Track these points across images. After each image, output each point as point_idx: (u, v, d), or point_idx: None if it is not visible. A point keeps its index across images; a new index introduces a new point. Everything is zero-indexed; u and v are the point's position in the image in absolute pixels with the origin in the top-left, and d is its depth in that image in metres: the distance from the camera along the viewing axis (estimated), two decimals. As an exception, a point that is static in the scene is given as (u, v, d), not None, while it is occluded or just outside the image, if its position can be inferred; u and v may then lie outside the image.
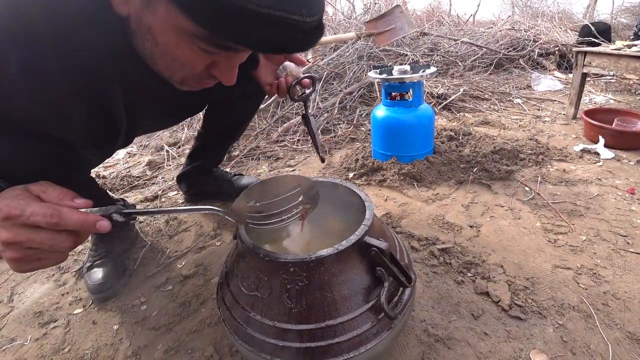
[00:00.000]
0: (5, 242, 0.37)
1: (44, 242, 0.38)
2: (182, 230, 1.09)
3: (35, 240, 0.38)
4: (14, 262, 0.39)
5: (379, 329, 0.49)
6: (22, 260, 0.39)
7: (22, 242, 0.38)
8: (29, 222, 0.37)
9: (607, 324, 0.68)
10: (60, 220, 0.39)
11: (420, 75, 1.16)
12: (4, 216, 0.37)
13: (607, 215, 0.99)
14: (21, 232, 0.37)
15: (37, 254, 0.39)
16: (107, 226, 0.42)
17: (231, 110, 1.02)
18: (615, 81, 2.31)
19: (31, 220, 0.38)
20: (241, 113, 1.07)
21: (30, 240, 0.38)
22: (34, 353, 0.72)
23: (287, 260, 0.45)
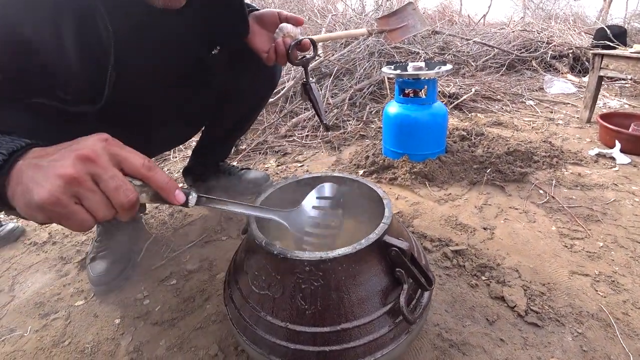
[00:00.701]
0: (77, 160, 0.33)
1: (113, 178, 0.35)
2: (187, 224, 1.06)
3: (104, 172, 0.34)
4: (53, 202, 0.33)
5: (397, 333, 0.46)
6: (64, 204, 0.33)
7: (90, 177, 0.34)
8: (121, 154, 0.36)
9: (628, 334, 0.65)
10: (154, 170, 0.38)
11: (436, 72, 1.13)
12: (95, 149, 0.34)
13: (625, 222, 0.96)
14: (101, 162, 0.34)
15: (87, 194, 0.34)
16: (183, 198, 0.40)
17: (239, 102, 1.00)
18: (630, 86, 2.27)
19: (124, 156, 0.36)
20: (249, 105, 1.04)
21: (100, 168, 0.34)
22: (33, 345, 0.70)
23: (303, 258, 0.42)
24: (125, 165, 0.37)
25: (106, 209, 0.35)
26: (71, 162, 0.33)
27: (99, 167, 0.34)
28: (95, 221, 0.36)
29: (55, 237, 1.07)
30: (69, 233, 1.09)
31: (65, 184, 0.33)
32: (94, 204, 0.34)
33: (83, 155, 0.34)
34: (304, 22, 0.76)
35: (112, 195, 0.35)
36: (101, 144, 0.36)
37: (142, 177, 0.38)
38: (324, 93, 1.87)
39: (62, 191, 0.32)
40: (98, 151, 0.35)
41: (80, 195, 0.34)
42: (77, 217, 0.34)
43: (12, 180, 0.34)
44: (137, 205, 0.37)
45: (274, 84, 1.05)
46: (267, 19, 0.77)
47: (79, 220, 0.34)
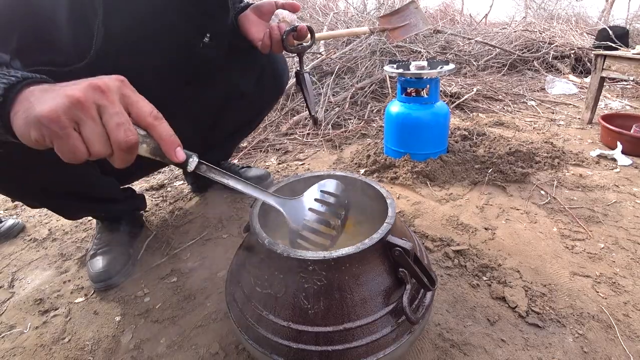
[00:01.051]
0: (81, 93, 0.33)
1: (118, 114, 0.34)
2: (187, 222, 1.06)
3: (110, 106, 0.34)
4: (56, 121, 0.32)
5: (399, 333, 0.46)
6: (66, 127, 0.33)
7: (95, 101, 0.34)
8: (132, 98, 0.36)
9: (629, 336, 0.65)
10: (160, 120, 0.37)
11: (438, 72, 1.13)
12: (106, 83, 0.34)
13: (626, 224, 0.96)
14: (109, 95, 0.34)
15: (88, 122, 0.34)
16: (182, 157, 0.39)
17: (243, 105, 0.98)
18: (631, 87, 2.26)
19: (134, 99, 0.36)
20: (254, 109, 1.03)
21: (108, 101, 0.34)
22: (33, 342, 0.70)
23: (307, 258, 0.42)
24: (133, 110, 0.36)
25: (102, 144, 0.34)
26: (82, 87, 0.33)
27: (107, 100, 0.34)
28: (87, 154, 0.34)
29: (55, 233, 1.07)
30: (69, 230, 1.08)
31: (69, 104, 0.32)
32: (92, 134, 0.34)
33: (95, 85, 0.34)
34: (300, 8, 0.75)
35: (112, 130, 0.34)
36: (116, 82, 0.36)
37: (147, 125, 0.37)
38: (326, 91, 1.86)
39: (64, 110, 0.32)
40: (111, 86, 0.35)
41: (81, 121, 0.33)
42: (70, 142, 0.33)
43: (19, 101, 0.34)
44: (134, 150, 0.36)
45: (281, 90, 1.04)
46: (264, 8, 0.76)
47: (71, 145, 0.33)
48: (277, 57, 0.97)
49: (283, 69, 0.99)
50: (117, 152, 0.35)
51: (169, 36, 0.68)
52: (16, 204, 1.28)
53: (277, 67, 0.97)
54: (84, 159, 0.35)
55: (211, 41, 0.75)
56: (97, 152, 0.34)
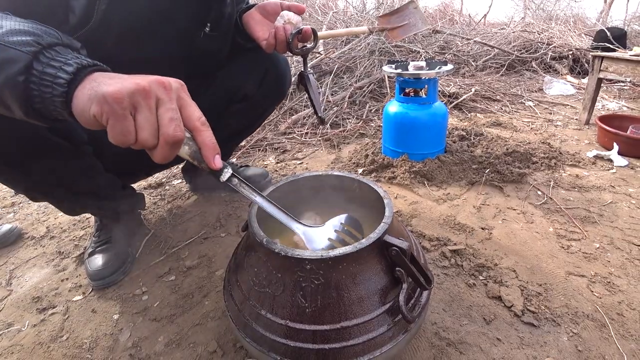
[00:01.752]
0: (141, 86, 0.36)
1: (173, 110, 0.37)
2: (186, 220, 1.06)
3: (169, 101, 0.37)
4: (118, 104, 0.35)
5: (395, 332, 0.46)
6: (122, 113, 0.35)
7: (156, 95, 0.36)
8: (187, 101, 0.39)
9: (622, 335, 0.66)
10: (206, 127, 0.39)
11: (437, 72, 1.13)
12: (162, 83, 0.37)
13: (621, 224, 0.97)
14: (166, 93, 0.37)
15: (144, 110, 0.36)
16: (220, 165, 0.41)
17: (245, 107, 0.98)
18: (628, 88, 2.28)
19: (188, 102, 0.39)
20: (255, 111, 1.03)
21: (167, 97, 0.37)
22: (31, 339, 0.70)
23: (304, 257, 0.42)
24: (184, 112, 0.39)
25: (151, 132, 0.36)
26: (149, 79, 0.37)
27: (167, 96, 0.37)
28: (135, 140, 0.37)
29: (53, 231, 1.07)
30: (67, 228, 1.08)
31: (135, 89, 0.35)
32: (145, 121, 0.36)
33: (160, 80, 0.37)
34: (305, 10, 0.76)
35: (164, 124, 0.36)
36: (177, 84, 0.39)
37: (194, 128, 0.39)
38: (324, 90, 1.86)
39: (129, 94, 0.35)
40: (173, 85, 0.38)
41: (140, 107, 0.36)
42: (124, 123, 0.35)
43: (87, 80, 0.37)
44: (178, 147, 0.38)
45: (284, 93, 1.03)
46: (269, 8, 0.77)
47: (124, 127, 0.36)
48: (280, 60, 0.96)
49: (286, 71, 0.99)
50: (162, 145, 0.37)
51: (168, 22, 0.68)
52: (13, 202, 1.28)
53: (280, 70, 0.97)
54: (130, 143, 0.37)
55: (212, 31, 0.76)
56: (144, 139, 0.36)
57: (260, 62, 0.94)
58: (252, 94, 0.95)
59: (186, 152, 0.40)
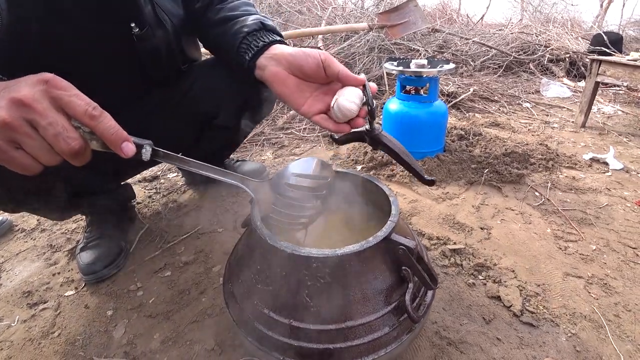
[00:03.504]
0: None
1: (52, 125, 0.32)
2: (181, 215, 1.04)
3: (41, 118, 0.32)
4: None
5: (400, 331, 0.46)
6: None
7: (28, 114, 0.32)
8: (63, 99, 0.33)
9: (619, 336, 0.67)
10: (101, 117, 0.34)
11: (438, 71, 1.12)
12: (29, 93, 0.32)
13: (617, 226, 0.98)
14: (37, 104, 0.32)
15: (25, 140, 0.32)
16: (132, 151, 0.36)
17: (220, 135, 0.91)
18: (624, 92, 2.31)
19: (66, 100, 0.33)
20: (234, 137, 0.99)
21: (36, 114, 0.32)
22: (21, 335, 0.68)
23: (310, 255, 0.41)
24: (69, 111, 0.34)
25: (49, 155, 0.33)
26: (5, 106, 0.31)
27: (36, 113, 0.32)
28: (41, 165, 0.34)
29: (44, 224, 1.04)
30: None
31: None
32: (34, 149, 0.33)
33: (17, 100, 0.32)
34: (365, 81, 0.50)
35: (52, 142, 0.33)
36: (40, 87, 0.33)
37: (87, 125, 0.35)
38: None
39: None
40: (35, 95, 0.32)
41: (18, 140, 0.32)
42: (18, 162, 0.33)
43: None
44: (84, 152, 0.35)
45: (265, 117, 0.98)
46: (309, 69, 0.51)
47: (21, 164, 0.33)
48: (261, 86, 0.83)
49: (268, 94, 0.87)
50: (67, 158, 0.34)
51: (89, 22, 0.60)
52: (2, 193, 1.24)
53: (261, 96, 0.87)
54: (39, 170, 0.34)
55: (142, 31, 0.65)
56: (48, 162, 0.34)
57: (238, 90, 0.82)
58: (228, 124, 0.87)
59: (97, 146, 0.36)
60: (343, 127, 0.51)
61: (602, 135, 1.64)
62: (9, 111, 0.31)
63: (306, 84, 0.53)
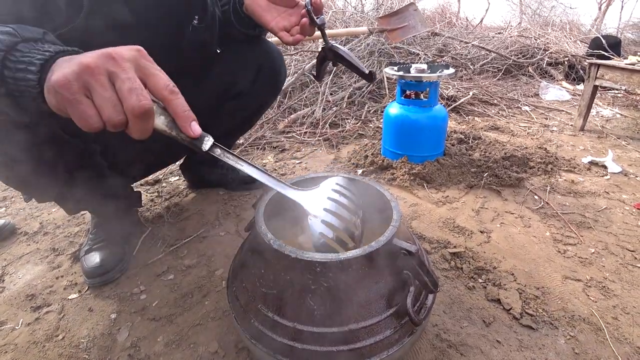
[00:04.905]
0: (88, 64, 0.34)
1: (130, 80, 0.34)
2: (184, 218, 1.05)
3: (122, 72, 0.34)
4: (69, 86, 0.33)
5: (401, 334, 0.47)
6: (78, 91, 0.34)
7: (109, 67, 0.34)
8: (149, 69, 0.36)
9: (617, 338, 0.67)
10: (179, 94, 0.37)
11: (438, 75, 1.14)
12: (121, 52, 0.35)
13: (615, 229, 0.99)
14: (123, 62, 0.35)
15: (98, 88, 0.34)
16: (198, 132, 0.38)
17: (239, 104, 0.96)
18: (622, 96, 2.32)
19: (151, 71, 0.36)
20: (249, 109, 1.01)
21: (120, 68, 0.34)
22: (25, 338, 0.68)
23: (314, 259, 0.42)
24: (149, 81, 0.36)
25: (114, 110, 0.34)
26: (94, 54, 0.34)
27: (118, 67, 0.34)
28: (101, 121, 0.35)
29: (46, 227, 1.05)
30: (62, 224, 1.06)
31: (79, 70, 0.33)
32: (103, 100, 0.34)
33: (107, 53, 0.34)
34: None
35: (124, 96, 0.34)
36: (132, 52, 0.36)
37: (162, 99, 0.37)
38: (323, 90, 1.86)
39: (74, 77, 0.33)
40: (124, 54, 0.35)
41: (91, 87, 0.34)
42: (80, 108, 0.34)
43: (48, 73, 0.35)
44: (149, 117, 0.36)
45: (279, 88, 1.02)
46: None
47: (82, 111, 0.34)
48: (274, 54, 0.95)
49: (281, 65, 0.98)
50: (131, 119, 0.35)
51: (158, 12, 0.66)
52: (4, 196, 1.24)
53: (275, 64, 0.95)
54: (97, 126, 0.35)
55: (200, 24, 0.74)
56: (109, 118, 0.34)
57: (254, 57, 0.92)
58: (247, 90, 0.94)
59: (163, 123, 0.37)
60: (297, 38, 0.68)
61: (600, 138, 1.65)
62: (95, 59, 0.34)
63: (274, 7, 0.71)
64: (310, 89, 1.93)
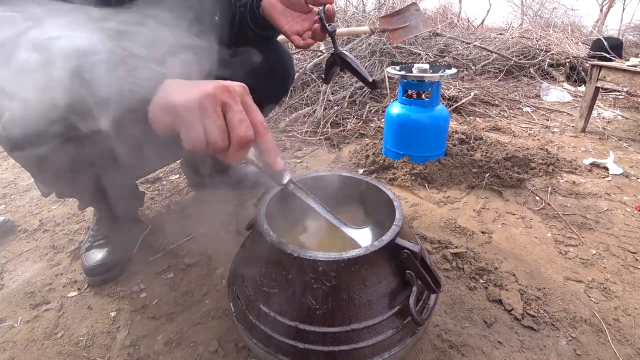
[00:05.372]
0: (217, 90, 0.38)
1: (241, 112, 0.39)
2: (184, 217, 1.05)
3: (235, 105, 0.38)
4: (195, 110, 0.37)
5: (404, 334, 0.46)
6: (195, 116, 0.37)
7: (228, 99, 0.38)
8: (251, 106, 0.40)
9: (619, 340, 0.67)
10: (268, 131, 0.41)
11: (440, 75, 1.13)
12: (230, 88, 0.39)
13: (616, 231, 0.98)
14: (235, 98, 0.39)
15: (211, 115, 0.38)
16: (282, 166, 0.44)
17: None
18: (623, 97, 2.32)
19: (252, 107, 0.40)
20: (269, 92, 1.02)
21: (233, 101, 0.38)
22: (24, 336, 0.68)
23: (317, 259, 0.41)
24: (249, 115, 0.40)
25: (221, 136, 0.38)
26: (214, 85, 0.38)
27: (233, 100, 0.39)
28: (206, 145, 0.38)
29: (46, 224, 1.04)
30: (61, 221, 1.06)
31: (201, 96, 0.37)
32: (213, 127, 0.38)
33: (225, 86, 0.39)
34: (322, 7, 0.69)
35: (234, 126, 0.38)
36: (240, 88, 0.40)
37: (257, 132, 0.40)
38: (325, 89, 1.86)
39: (196, 101, 0.37)
40: (237, 89, 0.40)
41: (206, 114, 0.37)
42: (194, 129, 0.38)
43: (161, 90, 0.39)
44: (249, 147, 0.40)
45: (287, 89, 1.02)
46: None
47: (195, 133, 0.38)
48: (284, 55, 0.96)
49: (290, 66, 0.98)
50: (234, 146, 0.39)
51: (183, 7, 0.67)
52: (4, 193, 1.24)
53: (285, 65, 0.96)
54: (202, 148, 0.39)
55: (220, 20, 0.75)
56: (214, 142, 0.38)
57: (265, 57, 0.92)
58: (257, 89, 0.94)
59: (252, 154, 0.42)
60: (308, 42, 0.71)
61: (602, 140, 1.65)
62: (214, 89, 0.38)
63: (290, 11, 0.72)
64: (311, 88, 1.93)
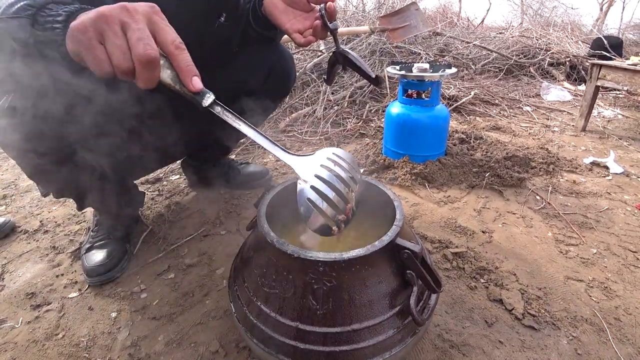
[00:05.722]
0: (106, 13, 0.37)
1: (140, 30, 0.37)
2: (184, 217, 1.05)
3: (133, 23, 0.37)
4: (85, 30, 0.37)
5: (404, 334, 0.46)
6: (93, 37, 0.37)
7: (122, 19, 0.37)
8: (159, 24, 0.39)
9: (620, 339, 0.67)
10: (181, 50, 0.39)
11: (440, 75, 1.13)
12: None
13: (617, 230, 0.98)
14: None
15: (110, 36, 0.37)
16: (199, 86, 0.41)
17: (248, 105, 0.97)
18: (623, 96, 2.32)
19: (160, 26, 0.39)
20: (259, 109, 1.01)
21: (132, 19, 0.37)
22: (25, 337, 0.68)
23: (317, 259, 0.41)
24: (158, 35, 0.39)
25: (123, 56, 0.37)
26: (111, 6, 0.38)
27: (131, 18, 0.37)
28: (111, 67, 0.37)
29: (47, 225, 1.04)
30: (62, 222, 1.06)
31: (95, 18, 0.37)
32: (114, 46, 0.37)
33: (124, 6, 0.38)
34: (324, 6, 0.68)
35: (133, 45, 0.37)
36: (146, 7, 0.39)
37: (169, 53, 0.39)
38: (325, 89, 1.86)
39: (90, 23, 0.37)
40: (138, 8, 0.38)
41: (105, 34, 0.37)
42: (94, 52, 0.37)
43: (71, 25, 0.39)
44: (155, 66, 0.38)
45: (288, 89, 1.02)
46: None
47: (95, 56, 0.37)
48: (285, 55, 0.96)
49: (291, 66, 0.98)
50: (138, 67, 0.37)
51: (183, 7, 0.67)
52: (5, 194, 1.24)
53: (286, 65, 0.96)
54: (108, 70, 0.38)
55: (226, 22, 0.76)
56: (118, 64, 0.37)
57: (266, 56, 0.92)
58: (257, 89, 0.94)
59: (168, 77, 0.40)
60: (309, 39, 0.70)
61: (602, 139, 1.65)
62: (110, 9, 0.37)
63: (291, 10, 0.71)
64: (311, 88, 1.93)
